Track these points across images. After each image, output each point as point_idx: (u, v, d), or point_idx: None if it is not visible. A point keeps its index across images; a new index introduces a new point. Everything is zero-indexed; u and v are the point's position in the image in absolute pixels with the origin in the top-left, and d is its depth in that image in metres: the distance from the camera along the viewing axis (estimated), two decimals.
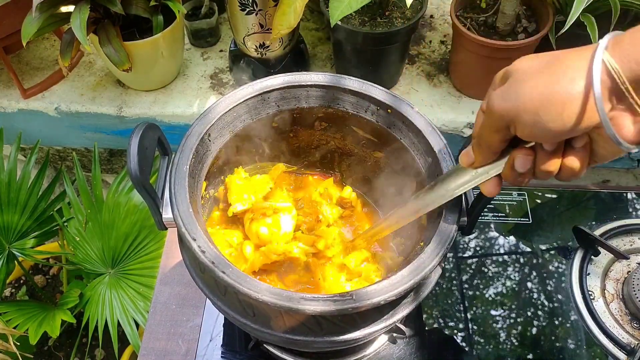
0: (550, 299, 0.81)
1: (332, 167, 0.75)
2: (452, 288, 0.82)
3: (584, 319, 0.78)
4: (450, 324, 0.79)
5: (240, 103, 0.61)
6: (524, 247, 0.87)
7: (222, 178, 0.68)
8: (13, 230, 1.21)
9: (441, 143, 0.58)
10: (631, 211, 0.90)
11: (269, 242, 0.63)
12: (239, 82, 1.21)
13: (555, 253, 0.86)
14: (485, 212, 0.90)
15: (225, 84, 1.23)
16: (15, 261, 1.21)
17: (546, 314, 0.79)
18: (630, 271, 0.82)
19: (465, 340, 0.77)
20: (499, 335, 0.78)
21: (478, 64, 1.07)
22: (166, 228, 0.55)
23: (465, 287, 0.82)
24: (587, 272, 0.82)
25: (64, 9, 1.03)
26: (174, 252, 0.87)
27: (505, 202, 0.92)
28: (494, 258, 0.86)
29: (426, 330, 0.78)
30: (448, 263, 0.85)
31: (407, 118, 0.60)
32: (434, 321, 0.79)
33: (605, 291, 0.81)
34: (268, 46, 1.12)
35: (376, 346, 0.74)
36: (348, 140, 0.70)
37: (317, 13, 1.35)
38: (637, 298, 0.76)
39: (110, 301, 1.14)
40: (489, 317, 0.79)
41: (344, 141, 0.70)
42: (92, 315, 1.12)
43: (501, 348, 0.76)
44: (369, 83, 0.62)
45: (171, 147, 0.59)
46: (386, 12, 1.08)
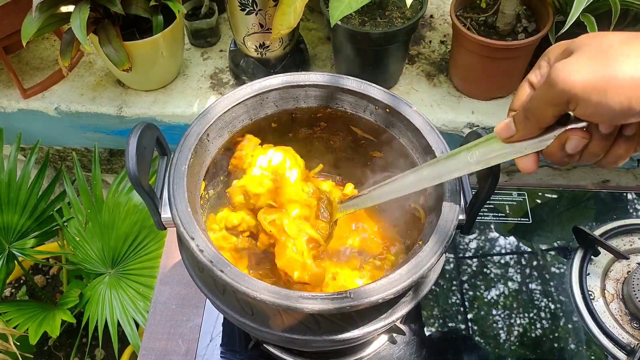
0: (550, 299, 0.81)
1: (331, 168, 0.75)
2: (452, 288, 0.82)
3: (584, 319, 0.78)
4: (450, 324, 0.79)
5: (239, 103, 0.61)
6: (524, 247, 0.87)
7: (221, 178, 0.68)
8: (13, 230, 1.21)
9: (440, 143, 0.58)
10: (631, 211, 0.90)
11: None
12: (239, 82, 1.21)
13: (555, 253, 0.86)
14: (485, 212, 0.90)
15: (225, 84, 1.23)
16: (15, 261, 1.21)
17: (546, 314, 0.79)
18: (630, 271, 0.82)
19: (465, 340, 0.77)
20: (499, 335, 0.78)
21: (478, 64, 1.07)
22: (165, 228, 0.55)
23: (465, 287, 0.82)
24: (587, 272, 0.82)
25: (64, 9, 1.03)
26: (174, 252, 0.87)
27: (505, 202, 0.91)
28: (494, 258, 0.86)
29: (426, 330, 0.78)
30: (448, 263, 0.85)
31: (406, 118, 0.60)
32: (434, 321, 0.79)
33: (605, 291, 0.81)
34: (268, 46, 1.12)
35: (376, 346, 0.74)
36: (347, 140, 0.70)
37: (317, 13, 1.35)
38: (637, 298, 0.76)
39: (110, 301, 1.14)
40: (489, 317, 0.79)
41: (343, 141, 0.70)
42: (92, 315, 1.12)
43: (501, 348, 0.76)
44: (368, 83, 0.62)
45: (171, 147, 0.59)
46: (386, 12, 1.08)
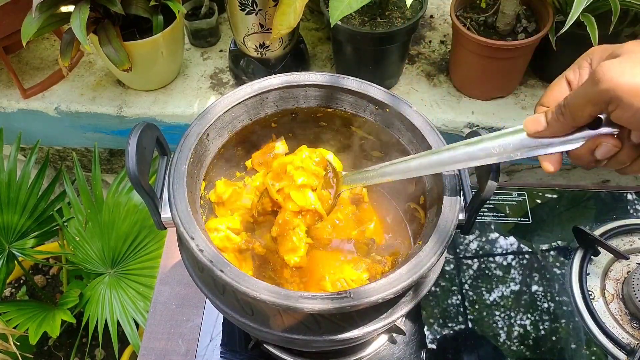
0: (550, 299, 0.81)
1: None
2: (452, 288, 0.82)
3: (584, 319, 0.78)
4: (450, 324, 0.79)
5: (239, 103, 0.61)
6: (524, 247, 0.87)
7: (221, 178, 0.68)
8: (13, 230, 1.21)
9: (440, 143, 0.58)
10: (631, 211, 0.90)
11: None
12: (239, 82, 1.21)
13: (555, 253, 0.86)
14: (485, 212, 0.90)
15: (225, 84, 1.23)
16: (15, 261, 1.21)
17: (546, 314, 0.79)
18: (630, 271, 0.82)
19: (465, 340, 0.77)
20: (499, 335, 0.78)
21: (478, 64, 1.07)
22: (165, 228, 0.55)
23: (465, 288, 0.82)
24: (587, 272, 0.82)
25: (64, 9, 1.03)
26: (174, 252, 0.87)
27: (505, 202, 0.91)
28: (494, 258, 0.86)
29: (426, 330, 0.78)
30: (448, 263, 0.85)
31: (406, 117, 0.60)
32: (434, 321, 0.79)
33: (605, 291, 0.81)
34: (268, 46, 1.12)
35: (376, 346, 0.74)
36: (347, 140, 0.70)
37: (317, 13, 1.35)
38: (637, 298, 0.76)
39: (110, 301, 1.14)
40: (489, 317, 0.79)
41: (343, 141, 0.70)
42: (92, 315, 1.12)
43: (501, 348, 0.76)
44: (368, 83, 0.62)
45: (172, 147, 0.59)
46: (386, 12, 1.08)
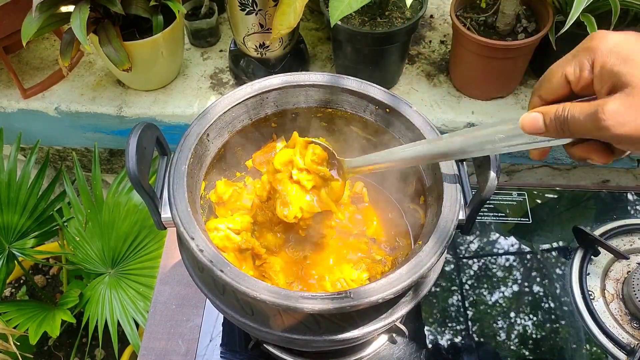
0: (550, 299, 0.81)
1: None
2: (452, 288, 0.82)
3: (584, 319, 0.78)
4: (450, 324, 0.79)
5: (239, 103, 0.61)
6: (524, 247, 0.87)
7: (221, 178, 0.68)
8: (13, 230, 1.21)
9: None
10: (631, 211, 0.90)
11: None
12: (239, 82, 1.21)
13: (555, 253, 0.86)
14: (485, 212, 0.90)
15: (225, 84, 1.23)
16: (15, 261, 1.21)
17: (546, 314, 0.79)
18: (630, 271, 0.82)
19: (465, 340, 0.77)
20: (499, 335, 0.78)
21: (478, 64, 1.07)
22: (165, 228, 0.55)
23: (465, 288, 0.82)
24: (587, 272, 0.82)
25: (64, 9, 1.03)
26: (174, 252, 0.87)
27: (505, 202, 0.91)
28: (494, 258, 0.86)
29: (426, 330, 0.78)
30: (448, 263, 0.85)
31: (406, 118, 0.60)
32: (434, 321, 0.79)
33: (605, 291, 0.81)
34: (268, 46, 1.12)
35: (376, 346, 0.74)
36: (347, 140, 0.70)
37: (317, 13, 1.35)
38: (637, 298, 0.76)
39: (110, 301, 1.14)
40: (489, 317, 0.79)
41: (343, 141, 0.70)
42: (92, 315, 1.12)
43: (501, 348, 0.76)
44: (368, 83, 0.62)
45: (172, 147, 0.59)
46: (386, 12, 1.08)
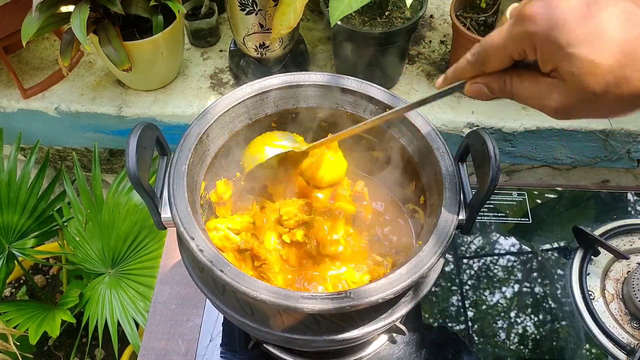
0: (550, 299, 0.81)
1: None
2: (452, 288, 0.82)
3: (584, 319, 0.78)
4: (450, 324, 0.79)
5: (239, 103, 0.61)
6: (524, 247, 0.87)
7: (221, 178, 0.68)
8: (13, 230, 1.21)
9: (440, 142, 0.58)
10: (631, 211, 0.90)
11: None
12: (239, 82, 1.21)
13: (555, 253, 0.86)
14: (485, 212, 0.90)
15: (225, 84, 1.23)
16: (15, 261, 1.21)
17: (546, 314, 0.79)
18: (630, 271, 0.82)
19: (465, 340, 0.77)
20: (499, 335, 0.78)
21: None
22: (165, 228, 0.55)
23: (465, 288, 0.82)
24: (587, 272, 0.82)
25: (64, 9, 1.03)
26: (174, 252, 0.87)
27: (505, 202, 0.91)
28: (494, 258, 0.86)
29: (426, 330, 0.78)
30: (448, 263, 0.85)
31: (406, 117, 0.60)
32: (434, 321, 0.79)
33: (605, 291, 0.81)
34: (268, 46, 1.12)
35: (376, 346, 0.74)
36: (347, 140, 0.70)
37: (317, 13, 1.35)
38: (637, 298, 0.76)
39: (110, 301, 1.14)
40: (489, 317, 0.79)
41: (343, 141, 0.70)
42: (92, 315, 1.12)
43: (501, 348, 0.76)
44: (368, 83, 0.62)
45: (172, 147, 0.59)
46: (386, 12, 1.08)
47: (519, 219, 0.89)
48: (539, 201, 0.92)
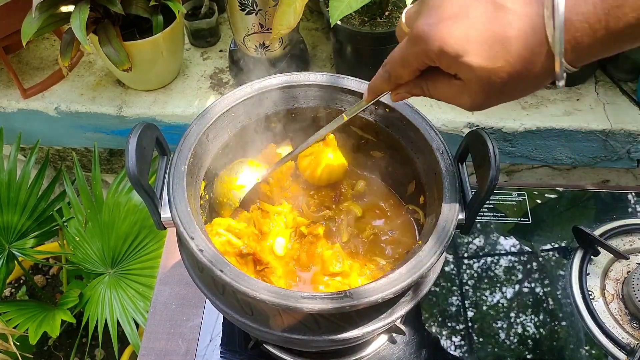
0: (550, 299, 0.81)
1: None
2: (452, 288, 0.82)
3: (584, 319, 0.78)
4: (450, 324, 0.79)
5: (238, 103, 0.61)
6: (524, 247, 0.87)
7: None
8: (13, 230, 1.21)
9: (440, 143, 0.58)
10: (631, 211, 0.90)
11: None
12: (239, 82, 1.21)
13: (555, 253, 0.86)
14: (484, 212, 0.90)
15: (225, 84, 1.23)
16: (15, 261, 1.21)
17: (546, 314, 0.79)
18: (630, 271, 0.82)
19: (465, 340, 0.77)
20: (499, 335, 0.78)
21: None
22: (165, 228, 0.55)
23: (465, 288, 0.82)
24: (587, 272, 0.82)
25: (64, 9, 1.03)
26: (174, 252, 0.87)
27: (505, 202, 0.91)
28: (494, 258, 0.86)
29: (426, 330, 0.78)
30: (447, 263, 0.85)
31: (406, 118, 0.60)
32: (434, 321, 0.79)
33: (605, 291, 0.81)
34: (268, 46, 1.12)
35: (376, 346, 0.74)
36: (347, 140, 0.70)
37: (317, 13, 1.35)
38: (637, 298, 0.76)
39: (110, 301, 1.14)
40: (489, 317, 0.79)
41: (343, 141, 0.70)
42: (92, 315, 1.12)
43: (501, 348, 0.76)
44: (368, 83, 0.62)
45: (172, 147, 0.59)
46: (386, 12, 1.08)
47: (519, 219, 0.89)
48: (539, 201, 0.92)
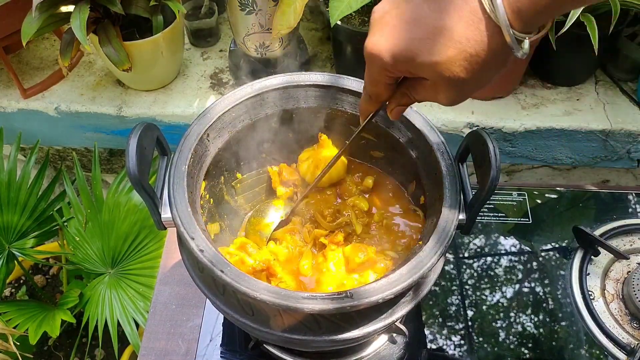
0: (550, 299, 0.81)
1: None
2: (452, 288, 0.82)
3: (584, 319, 0.78)
4: (450, 324, 0.79)
5: (239, 103, 0.61)
6: (524, 247, 0.87)
7: (221, 178, 0.68)
8: (13, 230, 1.21)
9: (440, 142, 0.58)
10: (631, 211, 0.90)
11: None
12: (239, 82, 1.21)
13: (555, 253, 0.86)
14: (485, 212, 0.90)
15: (225, 84, 1.23)
16: (15, 261, 1.21)
17: (546, 314, 0.79)
18: (630, 271, 0.82)
19: (465, 339, 0.77)
20: (499, 335, 0.78)
21: None
22: (165, 228, 0.55)
23: (465, 287, 0.82)
24: (587, 272, 0.82)
25: (64, 9, 1.03)
26: (174, 252, 0.87)
27: (505, 202, 0.91)
28: (494, 258, 0.86)
29: (426, 330, 0.78)
30: (448, 264, 0.85)
31: (406, 118, 0.60)
32: (434, 321, 0.79)
33: (605, 291, 0.81)
34: (268, 46, 1.12)
35: (376, 346, 0.74)
36: (347, 140, 0.69)
37: (317, 13, 1.35)
38: (637, 298, 0.76)
39: (110, 301, 1.14)
40: (489, 317, 0.79)
41: (343, 141, 0.70)
42: (92, 315, 1.12)
43: (501, 348, 0.76)
44: None
45: (172, 147, 0.59)
46: None
47: (519, 219, 0.89)
48: (539, 201, 0.92)
